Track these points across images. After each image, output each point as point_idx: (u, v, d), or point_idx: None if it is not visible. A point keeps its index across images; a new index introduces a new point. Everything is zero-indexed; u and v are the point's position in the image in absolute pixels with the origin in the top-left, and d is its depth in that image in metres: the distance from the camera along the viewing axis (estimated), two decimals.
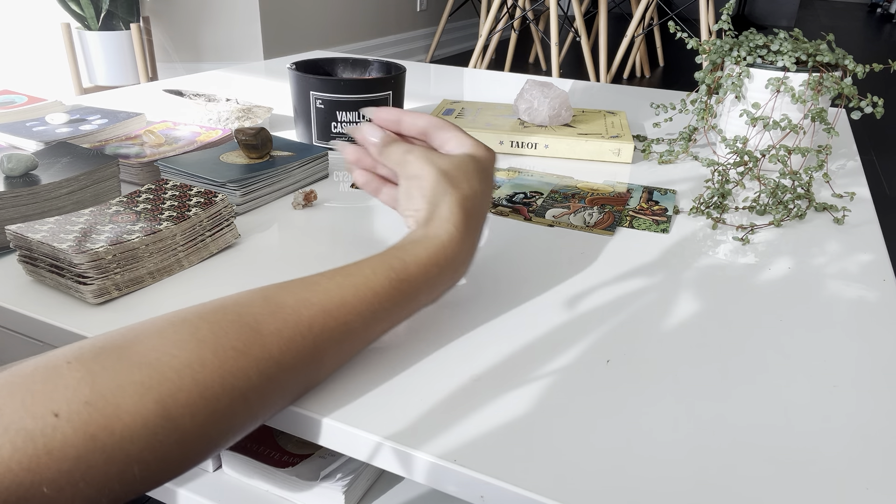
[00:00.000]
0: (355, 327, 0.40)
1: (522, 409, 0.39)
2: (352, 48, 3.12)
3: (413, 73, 1.28)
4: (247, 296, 0.38)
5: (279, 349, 0.36)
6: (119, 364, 0.31)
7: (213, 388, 0.32)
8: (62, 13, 2.28)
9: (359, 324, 0.40)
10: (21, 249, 0.49)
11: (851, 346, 0.47)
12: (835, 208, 0.69)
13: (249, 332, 0.35)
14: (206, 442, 0.33)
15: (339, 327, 0.39)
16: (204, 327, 0.34)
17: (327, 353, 0.39)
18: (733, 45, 0.78)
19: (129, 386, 0.30)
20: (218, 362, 0.33)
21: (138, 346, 0.32)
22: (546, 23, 3.90)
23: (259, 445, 0.51)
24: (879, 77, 3.71)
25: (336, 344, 0.39)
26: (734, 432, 0.38)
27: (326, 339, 0.38)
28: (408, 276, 0.42)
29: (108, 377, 0.30)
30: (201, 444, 0.33)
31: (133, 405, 0.30)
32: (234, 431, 0.34)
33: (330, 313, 0.38)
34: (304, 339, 0.37)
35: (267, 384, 0.35)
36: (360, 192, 0.70)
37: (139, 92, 1.06)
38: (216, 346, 0.33)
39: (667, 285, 0.53)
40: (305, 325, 0.37)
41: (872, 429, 0.39)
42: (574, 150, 0.83)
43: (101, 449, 0.29)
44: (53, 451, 0.28)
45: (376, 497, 0.49)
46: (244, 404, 0.34)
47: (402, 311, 0.43)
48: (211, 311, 0.35)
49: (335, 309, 0.39)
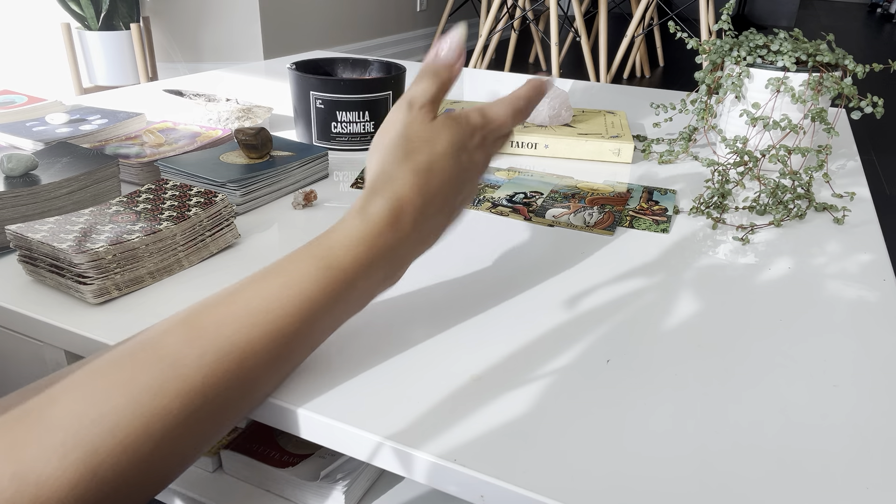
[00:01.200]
0: (287, 333, 0.36)
1: (522, 409, 0.39)
2: (352, 48, 3.12)
3: (413, 73, 1.28)
4: (167, 324, 0.35)
5: (202, 379, 0.33)
6: (40, 428, 0.30)
7: (133, 435, 0.31)
8: (62, 13, 2.28)
9: (290, 329, 0.36)
10: (21, 249, 0.49)
11: (851, 346, 0.47)
12: (835, 208, 0.69)
13: (166, 368, 0.32)
14: (139, 490, 0.31)
15: (266, 338, 0.35)
16: (115, 373, 0.32)
17: (259, 369, 0.36)
18: (733, 45, 0.78)
19: (51, 451, 0.29)
20: (133, 408, 0.31)
21: (56, 407, 0.30)
22: (546, 23, 3.90)
23: (259, 445, 0.51)
24: (879, 77, 3.71)
25: (268, 356, 0.36)
26: (734, 432, 0.38)
27: (255, 354, 0.35)
28: (337, 263, 0.38)
29: (32, 445, 0.29)
30: (135, 494, 0.31)
31: (57, 470, 0.29)
32: (167, 473, 0.33)
33: (255, 325, 0.35)
34: (229, 360, 0.34)
35: (193, 418, 0.33)
36: (360, 193, 0.70)
37: (139, 92, 1.06)
38: (130, 391, 0.31)
39: (667, 285, 0.53)
40: (228, 344, 0.34)
41: (872, 428, 0.39)
42: (574, 150, 0.83)
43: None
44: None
45: (376, 497, 0.49)
46: (171, 445, 0.32)
47: (339, 305, 0.39)
48: (127, 352, 0.33)
49: (259, 318, 0.35)
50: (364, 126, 0.81)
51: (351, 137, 0.82)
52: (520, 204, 0.68)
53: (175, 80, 1.17)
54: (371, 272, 0.40)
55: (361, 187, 0.71)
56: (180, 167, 0.65)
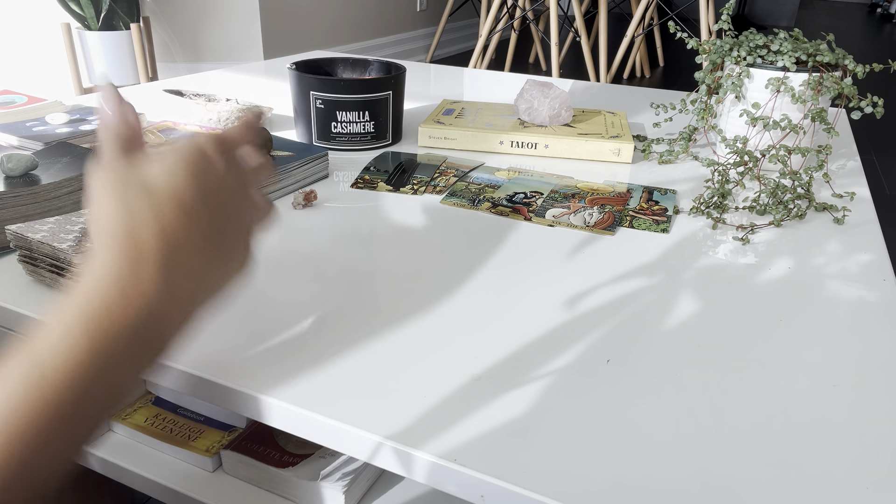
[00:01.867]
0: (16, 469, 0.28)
1: (522, 409, 0.39)
2: (352, 48, 3.12)
3: (413, 73, 1.28)
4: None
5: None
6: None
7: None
8: (62, 13, 2.28)
9: (15, 461, 0.28)
10: (21, 249, 0.49)
11: (851, 346, 0.47)
12: (835, 208, 0.69)
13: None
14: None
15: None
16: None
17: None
18: (733, 45, 0.78)
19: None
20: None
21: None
22: (546, 23, 3.90)
23: (259, 445, 0.51)
24: (879, 77, 3.71)
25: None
26: (734, 432, 0.38)
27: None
28: (51, 373, 0.29)
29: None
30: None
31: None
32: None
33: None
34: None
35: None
36: (360, 192, 0.70)
37: (139, 92, 1.06)
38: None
39: (667, 285, 0.53)
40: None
41: (872, 428, 0.39)
42: (574, 150, 0.83)
43: None
44: None
45: (376, 497, 0.49)
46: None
47: (80, 420, 0.30)
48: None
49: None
50: (364, 126, 0.81)
51: (351, 137, 0.82)
52: (520, 204, 0.68)
53: (175, 80, 1.17)
54: (112, 359, 0.30)
55: (361, 187, 0.72)
56: None
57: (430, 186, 0.72)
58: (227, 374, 0.41)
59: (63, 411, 0.29)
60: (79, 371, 0.29)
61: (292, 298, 0.50)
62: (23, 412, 0.28)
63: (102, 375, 0.30)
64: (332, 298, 0.50)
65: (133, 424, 0.52)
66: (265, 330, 0.46)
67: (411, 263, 0.55)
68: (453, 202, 0.68)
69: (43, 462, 0.29)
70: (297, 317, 0.47)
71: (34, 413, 0.28)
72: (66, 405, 0.29)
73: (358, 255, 0.57)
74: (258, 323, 0.47)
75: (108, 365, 0.30)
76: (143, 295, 0.31)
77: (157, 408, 0.54)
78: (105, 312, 0.30)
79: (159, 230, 0.32)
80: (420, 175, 0.75)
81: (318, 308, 0.49)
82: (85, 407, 0.30)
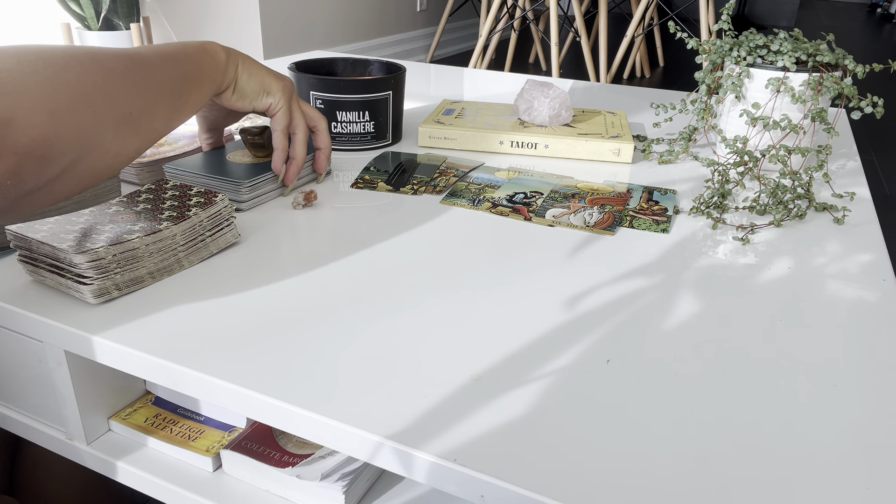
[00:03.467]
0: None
1: (522, 409, 0.39)
2: (352, 48, 3.12)
3: (413, 73, 1.28)
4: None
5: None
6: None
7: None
8: (62, 13, 2.28)
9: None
10: (21, 249, 0.49)
11: (851, 346, 0.47)
12: (835, 208, 0.69)
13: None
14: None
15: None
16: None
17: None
18: (733, 45, 0.78)
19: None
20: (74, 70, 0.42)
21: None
22: (546, 23, 3.90)
23: (259, 445, 0.51)
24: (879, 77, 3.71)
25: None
26: (734, 432, 0.38)
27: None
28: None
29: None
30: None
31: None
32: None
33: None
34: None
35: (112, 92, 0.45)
36: (360, 192, 0.70)
37: None
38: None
39: (667, 285, 0.53)
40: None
41: (872, 429, 0.39)
42: (574, 150, 0.83)
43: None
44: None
45: (376, 497, 0.49)
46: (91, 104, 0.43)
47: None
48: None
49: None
50: (364, 126, 0.81)
51: (351, 137, 0.82)
52: (520, 204, 0.68)
53: None
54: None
55: (361, 187, 0.72)
56: (188, 169, 0.65)
57: (430, 186, 0.72)
58: (227, 373, 0.41)
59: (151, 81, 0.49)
60: (168, 60, 0.51)
61: (292, 298, 0.50)
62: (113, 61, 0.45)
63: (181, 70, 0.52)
64: (331, 298, 0.50)
65: (133, 424, 0.52)
66: (264, 329, 0.46)
67: (411, 263, 0.55)
68: (453, 202, 0.68)
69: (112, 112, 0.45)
70: (297, 317, 0.47)
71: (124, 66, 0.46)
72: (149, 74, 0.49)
73: (358, 255, 0.57)
74: (258, 322, 0.47)
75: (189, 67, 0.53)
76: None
77: (157, 408, 0.54)
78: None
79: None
80: (420, 175, 0.75)
81: (318, 308, 0.49)
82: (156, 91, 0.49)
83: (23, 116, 0.37)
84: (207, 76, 0.56)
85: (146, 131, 0.48)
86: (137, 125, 0.47)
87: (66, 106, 0.40)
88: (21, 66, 0.39)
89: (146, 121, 0.48)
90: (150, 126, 0.48)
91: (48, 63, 0.40)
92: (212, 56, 0.56)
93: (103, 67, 0.44)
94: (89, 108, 0.42)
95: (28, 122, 0.38)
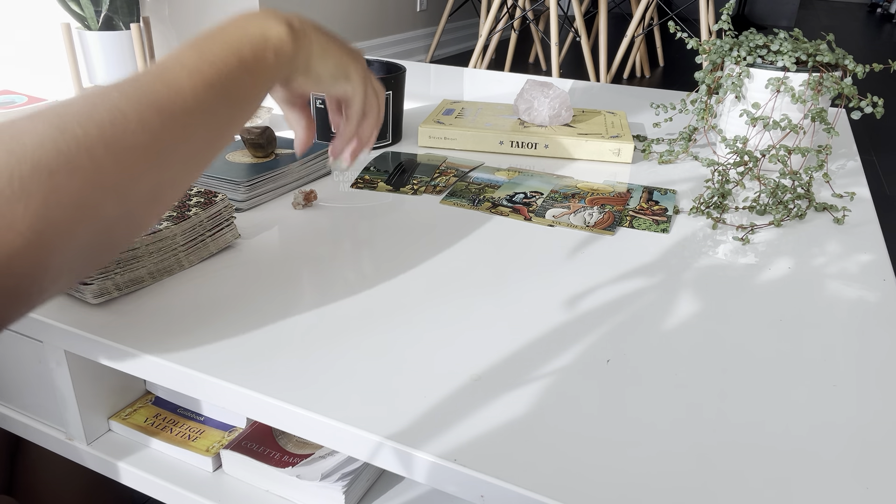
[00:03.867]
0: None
1: (522, 409, 0.39)
2: None
3: (413, 73, 1.28)
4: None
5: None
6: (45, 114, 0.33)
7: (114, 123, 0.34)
8: (62, 13, 2.28)
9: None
10: None
11: (851, 346, 0.47)
12: (835, 208, 0.69)
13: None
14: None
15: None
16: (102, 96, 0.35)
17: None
18: (733, 45, 0.78)
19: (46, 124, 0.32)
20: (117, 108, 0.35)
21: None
22: (546, 23, 3.90)
23: (259, 445, 0.51)
24: (879, 77, 3.71)
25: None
26: (734, 432, 0.38)
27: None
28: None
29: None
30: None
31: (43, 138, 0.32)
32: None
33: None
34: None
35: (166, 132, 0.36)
36: (360, 192, 0.70)
37: None
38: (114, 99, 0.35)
39: (667, 285, 0.53)
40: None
41: (872, 428, 0.39)
42: (574, 150, 0.83)
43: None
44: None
45: (376, 497, 0.49)
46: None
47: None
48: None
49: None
50: None
51: None
52: (520, 204, 0.68)
53: None
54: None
55: (361, 187, 0.72)
56: None
57: (430, 186, 0.72)
58: (227, 373, 0.41)
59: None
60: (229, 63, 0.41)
61: (292, 298, 0.50)
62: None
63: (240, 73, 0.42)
64: (331, 298, 0.50)
65: (133, 424, 0.52)
66: (264, 329, 0.46)
67: (411, 264, 0.55)
68: (453, 202, 0.68)
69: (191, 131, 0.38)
70: (297, 317, 0.47)
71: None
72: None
73: (358, 255, 0.57)
74: (257, 323, 0.47)
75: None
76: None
77: (157, 408, 0.54)
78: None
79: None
80: (420, 175, 0.75)
81: (318, 308, 0.49)
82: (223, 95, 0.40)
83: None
84: (266, 84, 0.45)
85: (175, 196, 0.40)
86: (163, 199, 0.38)
87: (66, 221, 0.32)
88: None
89: (179, 189, 0.39)
90: (178, 193, 0.40)
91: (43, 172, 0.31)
92: (276, 53, 0.44)
93: (120, 149, 0.34)
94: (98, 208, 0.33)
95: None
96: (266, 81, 0.45)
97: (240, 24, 0.44)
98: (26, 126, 0.32)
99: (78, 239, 0.33)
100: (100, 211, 0.34)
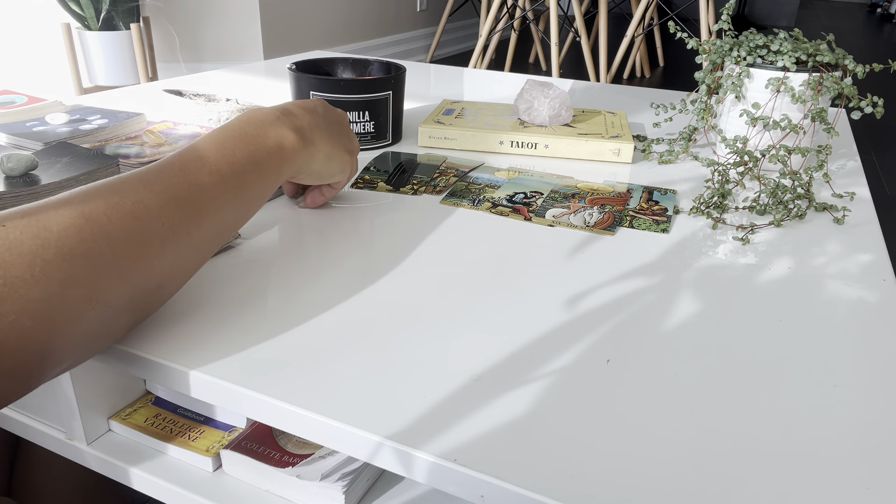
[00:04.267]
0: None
1: (522, 409, 0.39)
2: (352, 48, 3.12)
3: (413, 73, 1.28)
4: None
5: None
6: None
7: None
8: (62, 13, 2.28)
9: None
10: None
11: (851, 346, 0.47)
12: (835, 208, 0.69)
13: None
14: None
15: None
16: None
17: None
18: (733, 45, 0.78)
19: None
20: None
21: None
22: (546, 23, 3.90)
23: (259, 445, 0.51)
24: (879, 77, 3.71)
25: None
26: (734, 432, 0.38)
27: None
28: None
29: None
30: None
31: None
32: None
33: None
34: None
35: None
36: (360, 192, 0.70)
37: (139, 92, 1.06)
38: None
39: (667, 285, 0.53)
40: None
41: (872, 429, 0.39)
42: (574, 150, 0.83)
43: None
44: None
45: (376, 497, 0.49)
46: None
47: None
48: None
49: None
50: (364, 126, 0.81)
51: None
52: (520, 204, 0.68)
53: (175, 80, 1.17)
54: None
55: (361, 187, 0.72)
56: None
57: (430, 186, 0.72)
58: (227, 373, 0.41)
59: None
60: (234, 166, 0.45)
61: (292, 298, 0.50)
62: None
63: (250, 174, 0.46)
64: (331, 298, 0.50)
65: (133, 424, 0.52)
66: (264, 329, 0.46)
67: (411, 263, 0.55)
68: (453, 202, 0.68)
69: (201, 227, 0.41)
70: (297, 317, 0.47)
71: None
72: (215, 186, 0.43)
73: (357, 255, 0.57)
74: (257, 322, 0.47)
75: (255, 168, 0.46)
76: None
77: (157, 408, 0.54)
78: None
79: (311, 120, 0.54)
80: (420, 175, 0.75)
81: (318, 308, 0.49)
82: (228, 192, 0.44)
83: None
84: (274, 185, 0.50)
85: (178, 285, 0.43)
86: (168, 286, 0.41)
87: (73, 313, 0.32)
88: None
89: (183, 278, 0.43)
90: (182, 282, 0.43)
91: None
92: (288, 161, 0.50)
93: (139, 241, 0.36)
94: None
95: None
96: (274, 184, 0.50)
97: (260, 127, 0.48)
98: (54, 213, 0.32)
99: (85, 323, 0.33)
100: (110, 297, 0.34)
